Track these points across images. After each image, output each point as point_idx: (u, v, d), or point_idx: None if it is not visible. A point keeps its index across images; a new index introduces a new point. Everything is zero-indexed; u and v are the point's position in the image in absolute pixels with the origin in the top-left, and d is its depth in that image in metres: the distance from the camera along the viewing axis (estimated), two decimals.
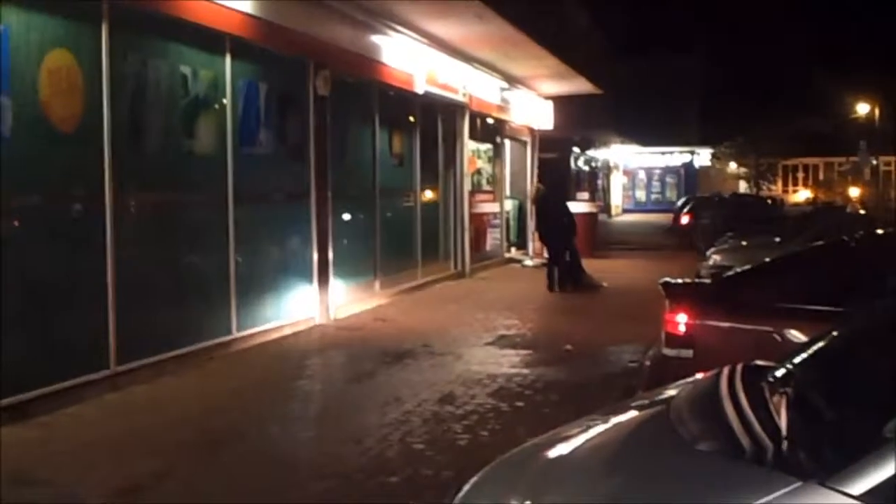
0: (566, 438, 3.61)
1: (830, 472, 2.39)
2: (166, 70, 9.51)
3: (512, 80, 20.73)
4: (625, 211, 54.84)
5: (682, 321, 6.42)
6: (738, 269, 7.80)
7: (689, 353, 6.27)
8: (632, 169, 57.53)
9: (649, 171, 58.56)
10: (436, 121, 17.75)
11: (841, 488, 2.33)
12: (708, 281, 8.52)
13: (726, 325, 6.31)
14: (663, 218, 41.95)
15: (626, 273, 19.03)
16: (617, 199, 54.04)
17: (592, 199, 28.73)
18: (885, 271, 6.24)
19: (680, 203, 41.69)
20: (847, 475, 2.35)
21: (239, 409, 7.94)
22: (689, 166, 57.52)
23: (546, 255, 17.25)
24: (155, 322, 9.18)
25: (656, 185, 58.80)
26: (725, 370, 3.30)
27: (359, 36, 13.37)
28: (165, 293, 9.49)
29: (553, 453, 3.49)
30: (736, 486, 2.50)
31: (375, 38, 13.87)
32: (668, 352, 6.51)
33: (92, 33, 8.30)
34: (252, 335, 10.66)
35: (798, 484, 2.40)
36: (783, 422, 2.82)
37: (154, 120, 9.34)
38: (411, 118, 16.40)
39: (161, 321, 9.28)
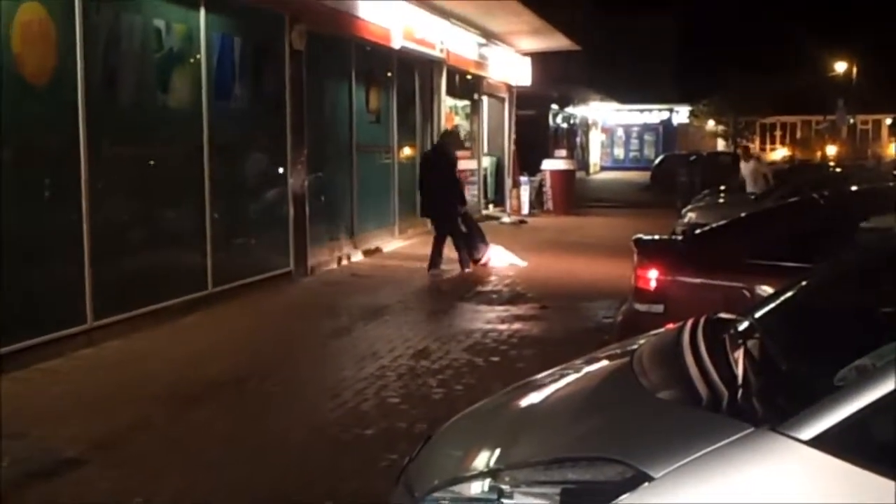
0: (535, 388, 3.68)
1: (782, 418, 2.46)
2: (139, 23, 9.44)
3: (490, 36, 20.67)
4: (603, 168, 54.92)
5: (652, 277, 6.49)
6: (709, 226, 7.87)
7: (659, 308, 6.36)
8: (610, 126, 57.53)
9: (627, 129, 58.60)
10: (413, 77, 17.70)
11: (791, 433, 2.40)
12: (679, 237, 8.60)
13: (696, 280, 6.39)
14: (641, 175, 42.15)
15: (598, 232, 19.12)
16: (595, 156, 54.09)
17: (571, 157, 28.64)
18: (853, 227, 6.33)
19: (657, 161, 41.89)
20: (797, 421, 2.42)
21: (215, 364, 7.98)
22: (667, 124, 57.60)
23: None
24: (130, 276, 9.19)
25: (635, 142, 58.87)
26: (689, 322, 3.37)
27: None
28: (140, 247, 9.50)
29: (522, 402, 3.57)
30: (691, 432, 2.57)
31: None
32: (639, 307, 6.59)
33: None
34: (228, 290, 10.67)
35: (750, 430, 2.48)
36: (739, 371, 2.90)
37: (128, 73, 9.28)
38: (388, 74, 16.34)
39: (137, 275, 9.29)
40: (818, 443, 2.37)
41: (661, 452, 2.51)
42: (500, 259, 13.74)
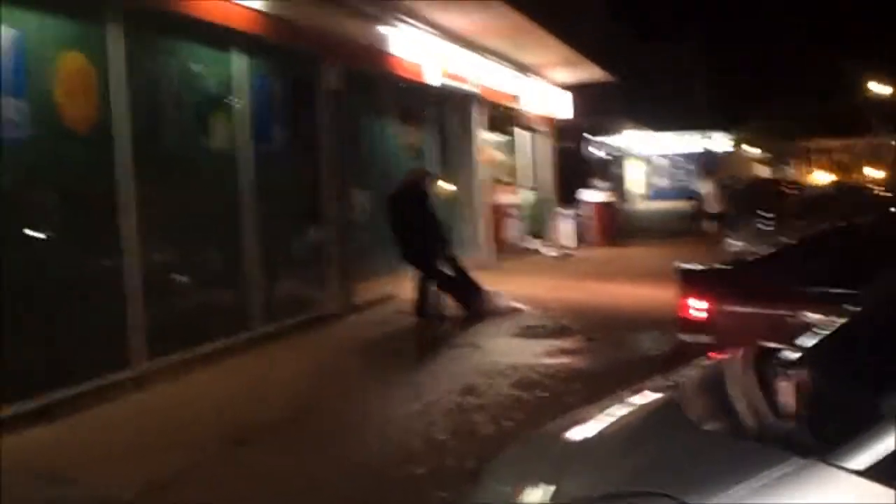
0: (582, 421, 3.65)
1: (831, 449, 2.41)
2: (179, 69, 9.57)
3: (524, 69, 20.69)
4: (646, 198, 54.53)
5: (698, 307, 6.43)
6: (756, 254, 7.79)
7: (706, 338, 6.28)
8: (650, 156, 57.21)
9: (669, 158, 58.22)
10: (450, 112, 17.75)
11: (841, 464, 2.35)
12: (724, 266, 8.50)
13: (743, 309, 6.32)
14: (685, 205, 41.78)
15: (642, 262, 18.98)
16: (637, 186, 53.78)
17: (610, 187, 28.39)
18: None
19: (703, 190, 41.49)
20: (847, 451, 2.37)
21: (263, 404, 7.99)
22: (708, 152, 57.21)
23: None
24: (178, 320, 9.25)
25: (677, 172, 58.45)
26: (736, 353, 3.32)
27: (369, 29, 13.39)
28: (187, 292, 9.58)
29: (569, 436, 3.53)
30: (737, 464, 2.53)
31: (385, 30, 13.86)
32: (685, 338, 6.53)
33: (105, 34, 8.36)
34: (273, 332, 10.69)
35: (798, 461, 2.43)
36: (788, 402, 2.85)
37: (169, 119, 9.40)
38: (424, 110, 16.41)
39: (184, 319, 9.35)
40: (869, 472, 2.32)
41: (707, 485, 2.47)
42: (497, 305, 12.31)
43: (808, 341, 3.63)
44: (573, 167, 29.34)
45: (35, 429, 7.06)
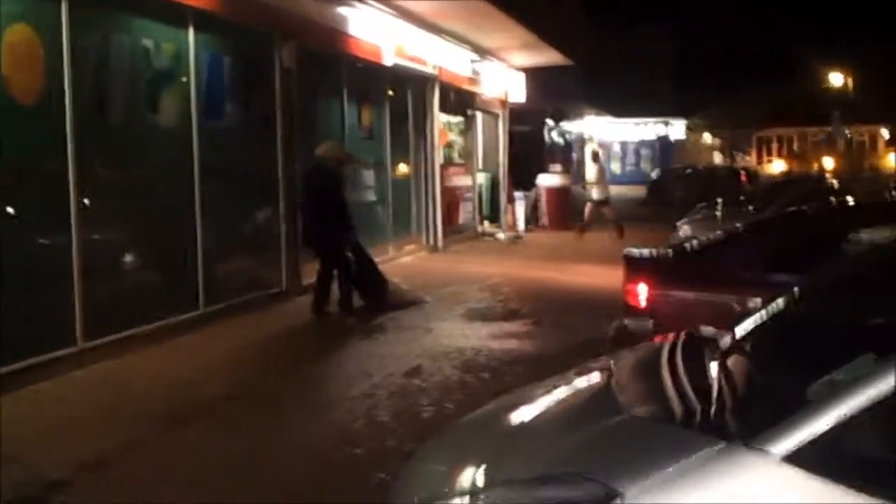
0: (519, 404, 3.66)
1: (755, 433, 2.44)
2: (128, 44, 9.44)
3: (482, 52, 20.65)
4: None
5: (642, 292, 6.47)
6: (700, 240, 7.86)
7: (648, 323, 6.32)
8: (607, 141, 57.43)
9: (624, 144, 58.48)
10: (405, 93, 17.70)
11: (763, 448, 2.38)
12: (667, 252, 8.56)
13: (686, 295, 6.37)
14: (638, 190, 42.07)
15: (594, 247, 19.08)
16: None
17: (566, 172, 28.49)
18: (839, 240, 6.31)
19: (654, 176, 41.89)
20: (769, 436, 2.40)
21: (206, 384, 7.93)
22: (664, 139, 57.57)
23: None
24: (120, 298, 9.16)
25: (631, 157, 58.77)
26: (670, 337, 3.35)
27: (326, 8, 13.29)
28: (131, 269, 9.47)
29: (504, 418, 3.55)
30: (661, 448, 2.55)
31: (343, 10, 13.77)
32: (628, 322, 6.57)
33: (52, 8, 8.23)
34: (220, 309, 10.61)
35: (721, 445, 2.45)
36: (715, 386, 2.87)
37: (116, 94, 9.27)
38: (380, 91, 16.34)
39: (127, 296, 9.26)
40: (791, 457, 2.34)
41: (631, 469, 2.48)
42: (398, 298, 11.64)
43: (742, 327, 3.67)
44: (530, 151, 29.42)
45: None
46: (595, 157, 21.63)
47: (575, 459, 2.74)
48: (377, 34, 14.87)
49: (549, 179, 24.54)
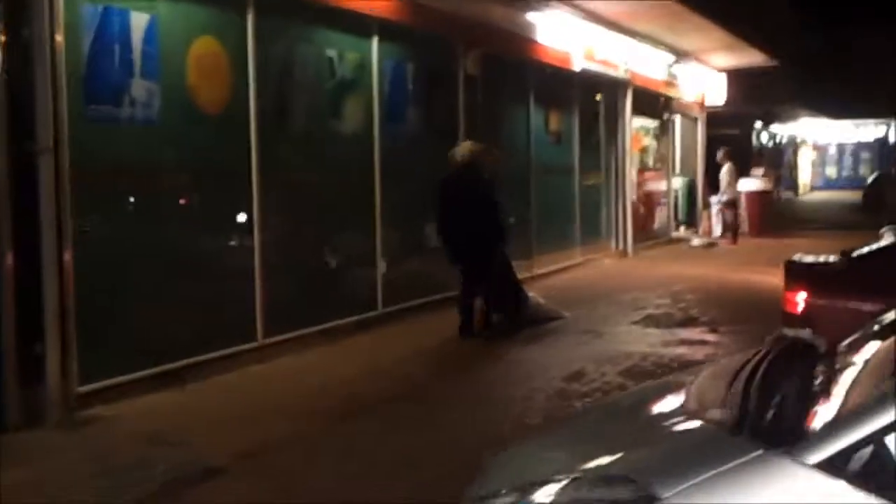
0: (609, 406, 3.69)
1: (797, 442, 2.40)
2: (312, 54, 9.88)
3: (680, 54, 20.26)
4: (814, 188, 52.59)
5: (800, 300, 6.27)
6: (868, 247, 7.51)
7: (806, 332, 6.11)
8: (822, 144, 55.07)
9: (841, 147, 55.90)
10: (595, 98, 17.61)
11: (798, 458, 2.33)
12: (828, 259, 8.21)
13: (845, 304, 6.13)
14: (855, 195, 40.12)
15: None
16: (805, 176, 51.90)
17: (768, 176, 27.22)
18: None
19: (870, 180, 39.83)
20: (807, 445, 2.35)
21: (375, 382, 8.22)
22: (884, 141, 54.59)
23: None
24: (299, 299, 9.61)
25: (848, 160, 56.08)
26: (767, 344, 3.29)
27: (512, 14, 13.41)
28: (311, 269, 9.92)
29: (585, 420, 3.59)
30: (703, 454, 2.54)
31: (530, 16, 13.85)
32: (786, 331, 6.36)
33: (240, 21, 8.75)
34: (398, 311, 10.93)
35: (759, 452, 2.42)
36: (783, 395, 2.81)
37: (299, 102, 9.72)
38: (569, 96, 16.30)
39: (307, 296, 9.70)
40: (823, 466, 2.29)
41: (671, 473, 2.49)
42: (537, 313, 10.87)
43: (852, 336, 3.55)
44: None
45: (168, 391, 7.58)
46: (727, 155, 21.02)
47: (622, 462, 2.76)
48: (565, 39, 14.85)
49: (749, 184, 23.76)
